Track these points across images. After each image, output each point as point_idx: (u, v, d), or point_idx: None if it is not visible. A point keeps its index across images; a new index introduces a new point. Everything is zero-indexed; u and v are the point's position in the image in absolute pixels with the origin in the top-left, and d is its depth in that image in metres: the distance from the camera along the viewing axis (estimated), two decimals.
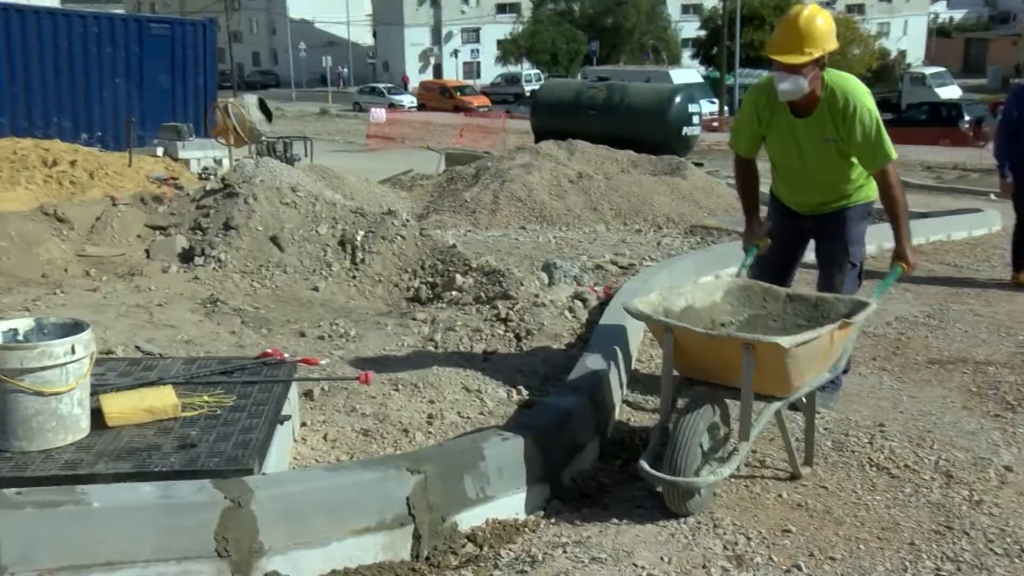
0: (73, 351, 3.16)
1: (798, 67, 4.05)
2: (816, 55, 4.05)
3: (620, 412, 4.47)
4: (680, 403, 3.68)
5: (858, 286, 4.53)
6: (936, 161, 23.17)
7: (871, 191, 4.45)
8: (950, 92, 42.96)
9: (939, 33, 78.92)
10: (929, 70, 47.21)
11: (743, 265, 4.41)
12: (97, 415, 3.34)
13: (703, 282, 4.19)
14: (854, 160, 4.32)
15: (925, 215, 10.54)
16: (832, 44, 4.13)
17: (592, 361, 4.50)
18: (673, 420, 3.55)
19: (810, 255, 4.76)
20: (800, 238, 4.70)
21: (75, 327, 3.31)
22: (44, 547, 2.65)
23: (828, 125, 4.20)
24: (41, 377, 3.10)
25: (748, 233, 4.56)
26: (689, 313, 3.90)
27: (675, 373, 3.75)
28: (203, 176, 14.59)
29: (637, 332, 5.49)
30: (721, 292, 4.11)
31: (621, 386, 4.65)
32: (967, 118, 32.61)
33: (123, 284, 6.18)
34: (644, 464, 3.44)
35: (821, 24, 4.06)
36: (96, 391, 3.46)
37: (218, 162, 15.42)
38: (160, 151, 15.35)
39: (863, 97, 4.19)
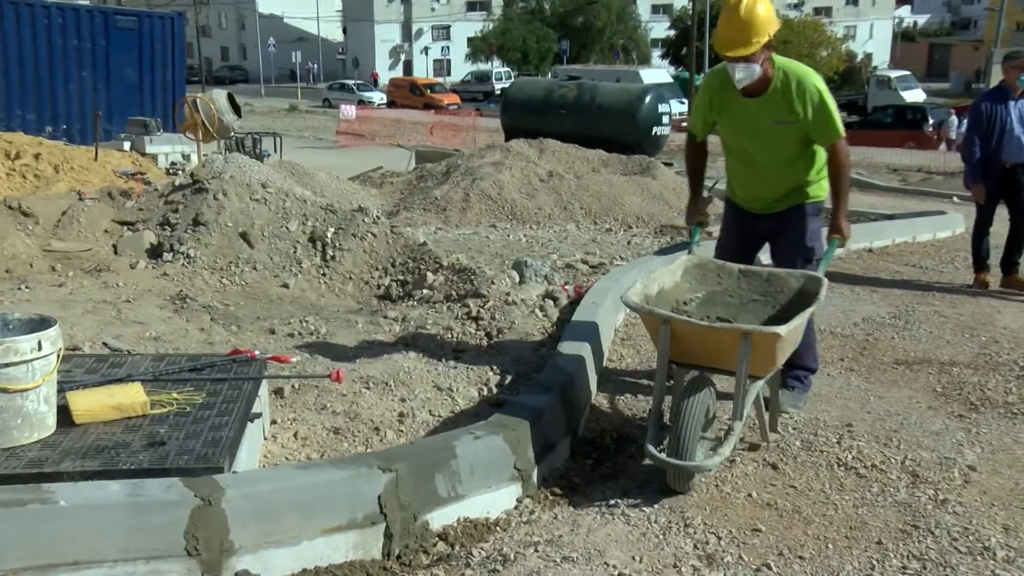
0: (40, 347, 3.12)
1: (748, 57, 4.14)
2: (763, 42, 4.12)
3: (591, 411, 4.48)
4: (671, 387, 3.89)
5: None
6: (901, 164, 23.45)
7: (821, 190, 4.52)
8: (915, 96, 43.48)
9: (904, 37, 79.86)
10: (894, 73, 47.74)
11: (693, 243, 4.51)
12: (64, 412, 3.31)
13: (666, 265, 4.30)
14: (804, 150, 4.38)
15: (891, 217, 10.67)
16: (775, 26, 4.18)
17: (563, 360, 4.51)
18: (673, 405, 3.72)
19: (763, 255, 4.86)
20: (756, 240, 4.74)
21: (42, 323, 3.27)
22: (9, 546, 2.61)
23: (781, 106, 4.27)
24: (6, 374, 3.06)
25: (691, 209, 4.67)
26: (661, 297, 4.10)
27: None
28: (171, 171, 14.44)
29: (608, 331, 5.51)
30: (680, 272, 4.26)
31: (592, 385, 4.66)
32: (931, 121, 33.04)
33: (90, 280, 6.10)
34: (651, 448, 3.59)
35: (762, 11, 4.11)
36: (63, 388, 3.42)
37: (186, 157, 15.28)
38: (127, 145, 15.17)
39: (813, 77, 4.29)
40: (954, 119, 32.10)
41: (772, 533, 3.36)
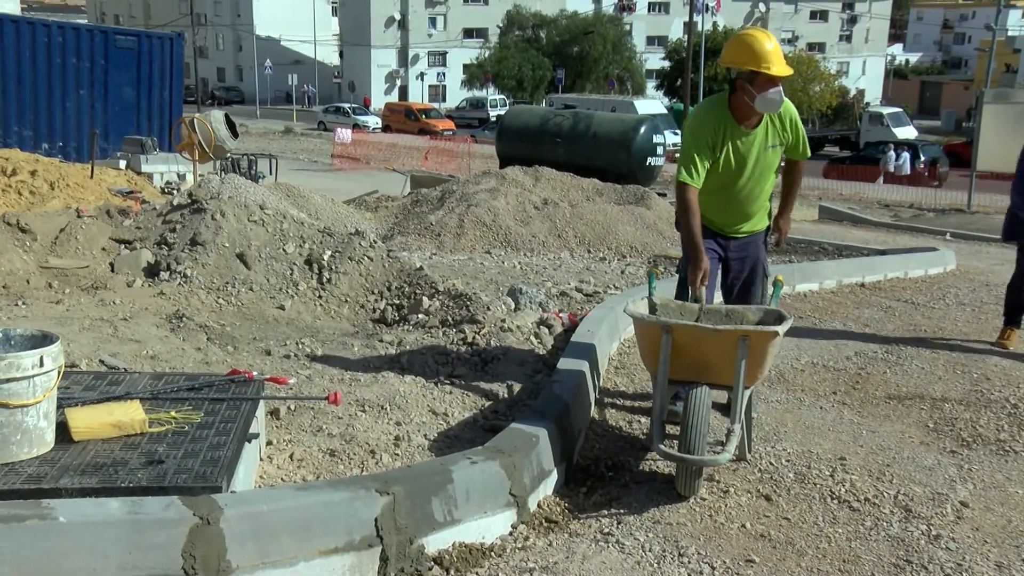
0: (41, 363, 3.12)
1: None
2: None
3: (586, 438, 4.50)
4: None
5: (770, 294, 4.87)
6: (893, 199, 23.62)
7: (766, 216, 4.96)
8: (906, 132, 43.89)
9: (896, 75, 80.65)
10: (887, 110, 48.21)
11: (651, 290, 4.54)
12: (62, 429, 3.31)
13: (634, 300, 4.48)
14: (772, 175, 4.80)
15: (883, 252, 10.74)
16: None
17: (559, 387, 4.53)
18: (682, 404, 3.97)
19: None
20: (720, 260, 4.90)
21: (43, 339, 3.27)
22: (6, 562, 2.60)
23: (773, 131, 4.66)
24: (7, 389, 3.06)
25: (696, 267, 4.49)
26: None
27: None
28: (166, 191, 14.47)
29: (603, 359, 5.53)
30: (646, 309, 4.42)
31: (587, 413, 4.68)
32: (923, 158, 33.35)
33: (87, 297, 6.11)
34: (662, 446, 3.83)
35: (771, 36, 4.58)
36: (62, 404, 3.42)
37: (181, 177, 15.31)
38: (123, 164, 15.21)
39: (787, 102, 4.67)
40: (892, 154, 33.35)
41: (766, 564, 3.38)
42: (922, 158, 33.26)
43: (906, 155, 33.49)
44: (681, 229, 4.63)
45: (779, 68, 4.42)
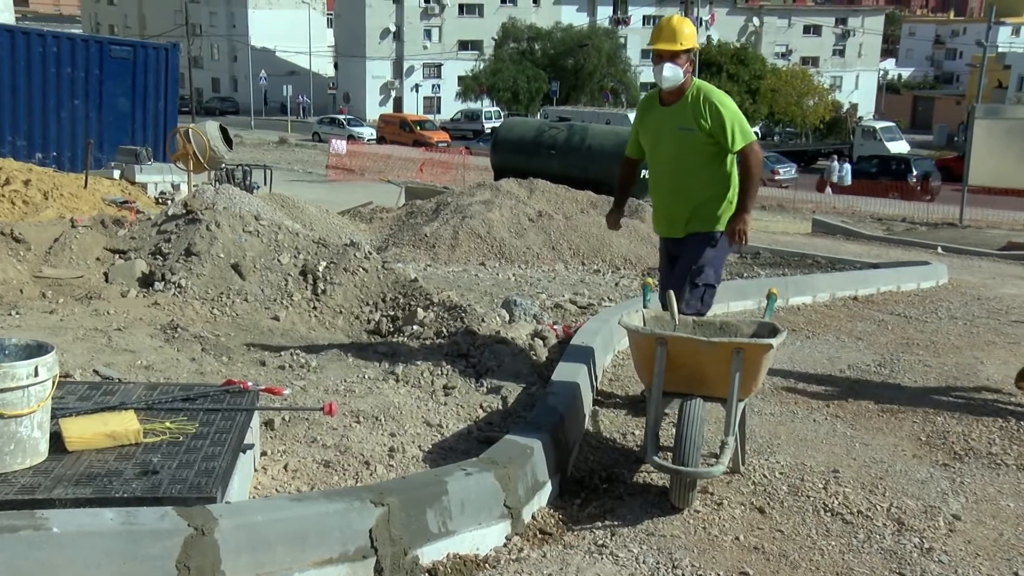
0: (36, 373, 3.12)
1: (674, 55, 4.88)
2: (687, 47, 4.90)
3: (580, 451, 4.50)
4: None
5: (703, 304, 5.04)
6: (885, 213, 23.75)
7: (721, 223, 5.04)
8: (899, 147, 44.12)
9: (888, 89, 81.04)
10: (880, 124, 48.45)
11: (646, 301, 4.71)
12: (56, 439, 3.30)
13: (628, 312, 4.61)
14: (703, 165, 4.98)
15: (876, 266, 10.78)
16: (695, 45, 4.99)
17: (553, 399, 4.54)
18: (676, 417, 3.97)
19: None
20: (672, 253, 5.32)
21: (38, 348, 3.27)
22: (0, 572, 2.60)
23: (688, 115, 4.91)
24: (1, 399, 3.06)
25: (612, 217, 5.62)
26: None
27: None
28: (160, 200, 14.47)
29: (598, 371, 5.54)
30: (641, 320, 4.46)
31: (582, 425, 4.69)
32: (915, 172, 33.57)
33: (81, 307, 6.10)
34: (656, 458, 3.83)
35: (687, 29, 4.96)
36: (56, 415, 3.42)
37: (175, 187, 15.31)
38: (117, 174, 15.21)
39: (720, 95, 4.98)
40: (835, 163, 34.36)
41: None
42: (914, 172, 33.47)
43: (847, 166, 34.96)
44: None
45: (661, 43, 4.88)
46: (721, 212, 5.04)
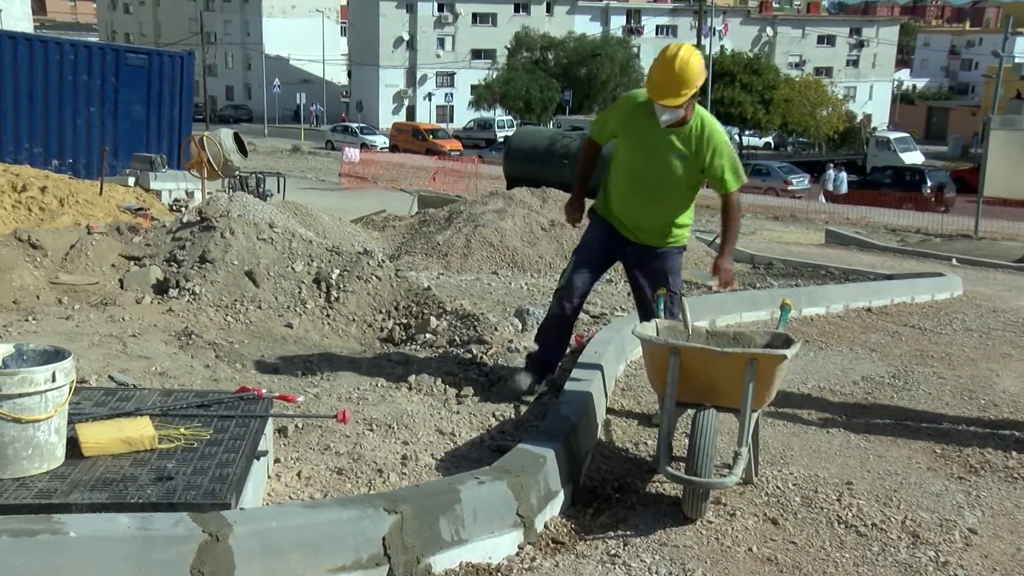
0: (54, 379, 3.15)
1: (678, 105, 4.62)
2: (692, 93, 4.58)
3: (592, 460, 4.50)
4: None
5: (677, 308, 4.96)
6: (900, 224, 23.66)
7: (685, 237, 5.10)
8: (913, 157, 43.98)
9: (903, 100, 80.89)
10: (894, 135, 48.31)
11: (659, 312, 4.72)
12: (73, 444, 3.33)
13: (642, 324, 4.59)
14: (685, 192, 4.93)
15: (890, 277, 10.74)
16: (702, 78, 4.65)
17: (566, 408, 4.54)
18: (690, 427, 3.94)
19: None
20: (613, 258, 5.22)
21: (56, 354, 3.30)
22: None
23: (689, 145, 4.76)
24: (20, 404, 3.08)
25: (574, 207, 5.26)
26: None
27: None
28: (174, 208, 14.53)
29: (609, 381, 5.53)
30: (654, 331, 4.44)
31: (594, 434, 4.68)
32: (930, 183, 33.47)
33: (96, 313, 6.13)
34: (669, 468, 3.82)
35: (695, 65, 4.56)
36: (72, 420, 3.44)
37: (189, 194, 15.37)
38: (131, 181, 15.29)
39: (720, 131, 4.83)
40: (831, 172, 34.50)
41: None
42: (928, 183, 33.37)
43: (843, 175, 35.07)
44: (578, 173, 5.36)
45: (668, 100, 4.56)
46: (685, 229, 5.10)
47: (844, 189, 34.46)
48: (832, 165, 36.90)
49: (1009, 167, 20.49)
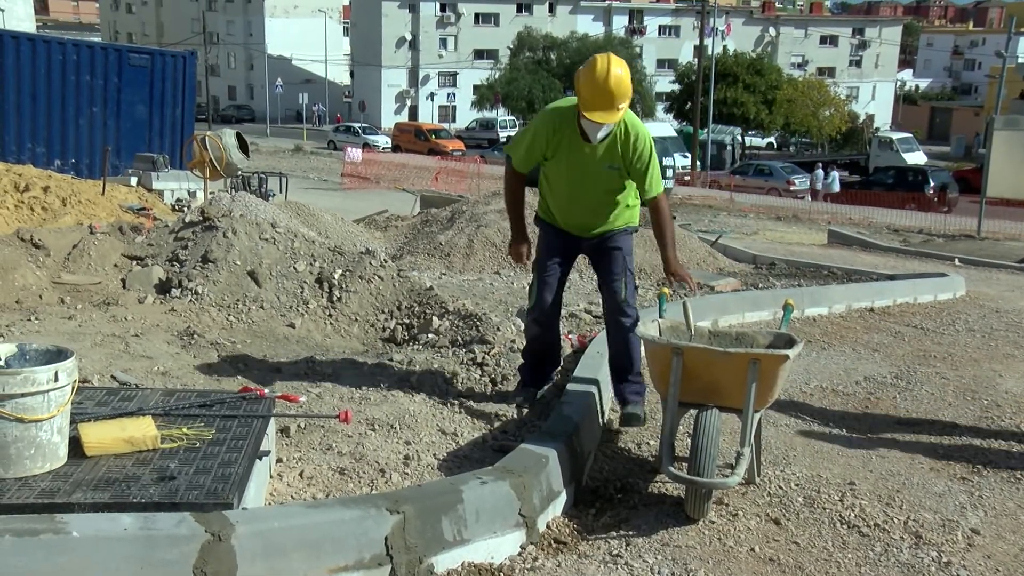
0: (56, 378, 3.15)
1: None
2: (626, 105, 4.47)
3: (595, 460, 4.50)
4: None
5: (635, 288, 4.94)
6: (902, 224, 23.64)
7: (635, 218, 4.94)
8: (916, 158, 43.92)
9: (906, 100, 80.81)
10: (897, 135, 48.26)
11: (661, 312, 4.69)
12: (75, 444, 3.33)
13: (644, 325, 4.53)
14: (625, 190, 4.77)
15: (893, 277, 10.72)
16: (631, 93, 4.53)
17: (569, 409, 4.54)
18: (693, 427, 3.95)
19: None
20: (574, 255, 5.07)
21: (58, 354, 3.30)
22: None
23: (615, 153, 4.61)
24: (22, 404, 3.09)
25: (520, 247, 5.02)
26: None
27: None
28: (176, 208, 14.53)
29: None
30: (656, 331, 4.43)
31: (596, 434, 4.68)
32: (932, 184, 33.43)
33: (99, 313, 6.14)
34: (671, 468, 3.83)
35: (625, 78, 4.41)
36: (75, 420, 3.44)
37: (192, 194, 15.36)
38: (134, 181, 15.29)
39: (646, 133, 4.68)
40: (820, 172, 34.71)
41: None
42: (931, 184, 33.35)
43: (834, 174, 35.27)
44: (507, 209, 5.07)
45: (599, 115, 4.39)
46: (634, 209, 4.94)
47: (836, 187, 34.62)
48: (821, 165, 37.10)
49: (1012, 167, 20.48)
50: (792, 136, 59.09)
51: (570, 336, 6.42)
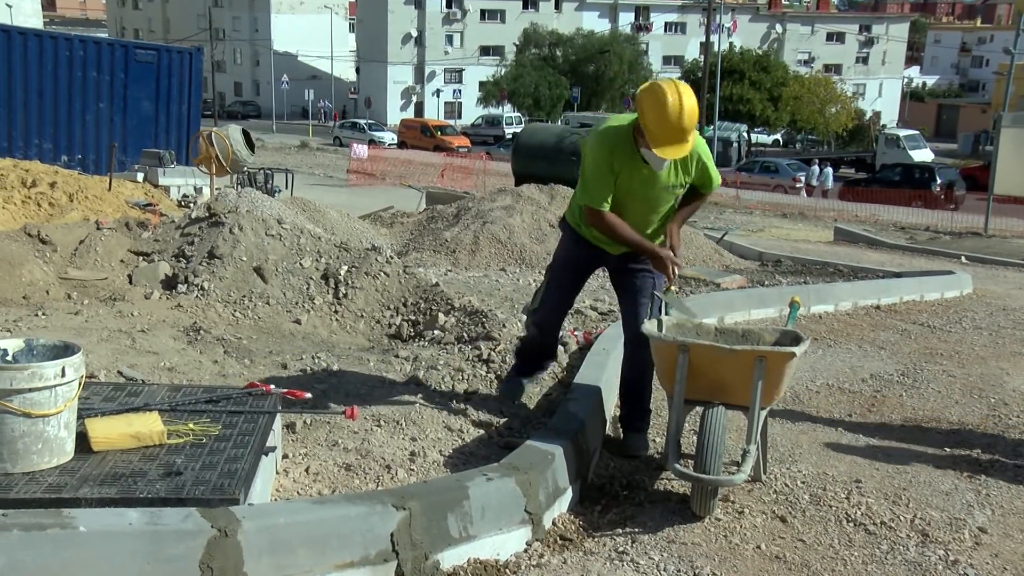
0: (63, 374, 3.15)
1: None
2: (696, 132, 4.22)
3: (600, 457, 4.50)
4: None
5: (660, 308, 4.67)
6: (909, 222, 23.58)
7: (663, 232, 4.60)
8: (923, 155, 43.79)
9: (912, 97, 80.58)
10: (903, 132, 48.11)
11: (667, 310, 4.54)
12: (82, 439, 3.33)
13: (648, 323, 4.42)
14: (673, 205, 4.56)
15: (899, 275, 10.71)
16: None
17: (574, 406, 4.54)
18: (699, 424, 3.96)
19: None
20: (595, 267, 4.86)
21: (65, 349, 3.30)
22: (26, 570, 2.62)
23: (677, 173, 4.40)
24: (30, 399, 3.09)
25: (662, 254, 4.45)
26: None
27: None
28: (182, 203, 14.55)
29: (617, 378, 5.51)
30: (662, 328, 4.40)
31: (602, 431, 4.68)
32: (939, 181, 33.34)
33: (105, 309, 6.15)
34: (677, 465, 3.85)
35: (695, 107, 4.13)
36: (81, 415, 3.45)
37: (198, 190, 15.38)
38: (140, 176, 15.30)
39: (701, 140, 4.43)
40: (815, 168, 34.89)
41: None
42: (938, 181, 33.27)
43: (828, 170, 35.40)
44: (625, 244, 4.47)
45: (674, 152, 4.14)
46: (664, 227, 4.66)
47: (829, 184, 34.95)
48: (817, 161, 37.31)
49: (1020, 165, 20.41)
50: (798, 133, 59.00)
51: (576, 333, 6.41)
